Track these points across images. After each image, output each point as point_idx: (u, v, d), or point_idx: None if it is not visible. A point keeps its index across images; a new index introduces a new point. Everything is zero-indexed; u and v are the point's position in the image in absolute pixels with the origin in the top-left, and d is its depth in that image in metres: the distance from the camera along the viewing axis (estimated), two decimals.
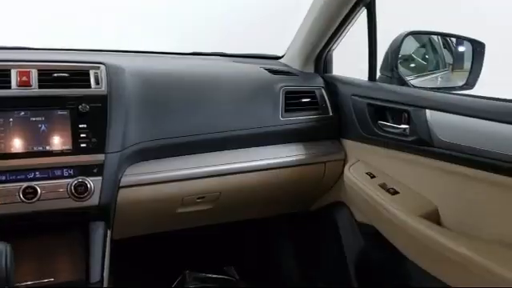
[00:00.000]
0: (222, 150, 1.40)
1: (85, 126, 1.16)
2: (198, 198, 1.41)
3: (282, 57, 1.81)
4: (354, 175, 1.41)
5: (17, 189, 1.08)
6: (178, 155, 1.33)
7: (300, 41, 1.65)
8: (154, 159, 1.29)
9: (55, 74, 1.19)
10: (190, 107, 1.35)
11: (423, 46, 1.71)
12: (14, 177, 1.09)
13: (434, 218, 1.16)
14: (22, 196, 1.08)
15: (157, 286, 1.85)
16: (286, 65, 1.74)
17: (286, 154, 1.47)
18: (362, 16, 1.46)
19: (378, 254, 1.47)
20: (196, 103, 1.37)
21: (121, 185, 1.22)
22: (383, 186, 1.29)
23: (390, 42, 1.43)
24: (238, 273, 1.97)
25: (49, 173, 1.13)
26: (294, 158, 1.47)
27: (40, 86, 1.16)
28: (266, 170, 1.44)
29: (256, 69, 1.60)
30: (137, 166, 1.26)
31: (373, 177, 1.36)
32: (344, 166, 1.51)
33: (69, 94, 1.17)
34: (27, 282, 1.10)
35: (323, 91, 1.57)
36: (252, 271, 1.98)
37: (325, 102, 1.55)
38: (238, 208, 1.59)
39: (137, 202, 1.29)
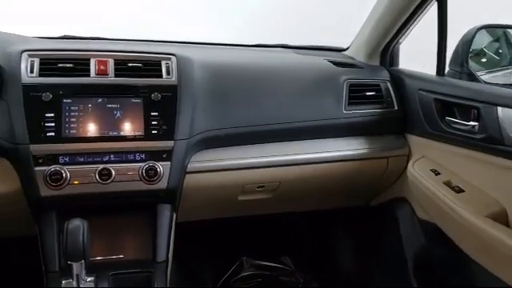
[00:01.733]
0: (284, 140, 1.42)
1: (156, 113, 1.23)
2: (258, 187, 1.44)
3: (347, 49, 1.80)
4: (418, 171, 1.38)
5: (93, 170, 1.17)
6: (241, 144, 1.37)
7: (366, 33, 1.63)
8: (218, 147, 1.34)
9: (130, 64, 1.26)
10: (254, 98, 1.38)
11: (497, 39, 1.63)
12: (91, 159, 1.18)
13: (501, 218, 1.12)
14: (98, 177, 1.17)
15: (214, 270, 1.92)
16: (350, 57, 1.72)
17: (348, 147, 1.47)
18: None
19: (440, 252, 1.43)
20: (260, 94, 1.40)
21: (187, 170, 1.28)
22: (448, 184, 1.26)
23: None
24: (294, 263, 2.00)
25: (122, 156, 1.20)
26: (356, 152, 1.47)
27: (116, 75, 1.24)
28: (327, 162, 1.44)
29: (320, 61, 1.60)
30: (202, 153, 1.31)
31: (437, 174, 1.33)
32: (408, 162, 1.48)
33: (142, 83, 1.24)
34: (100, 256, 1.19)
35: (389, 85, 1.55)
36: (308, 262, 2.00)
37: (390, 95, 1.53)
38: (297, 199, 1.61)
39: (201, 188, 1.35)
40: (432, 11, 1.42)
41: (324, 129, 1.44)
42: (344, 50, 1.81)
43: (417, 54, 1.64)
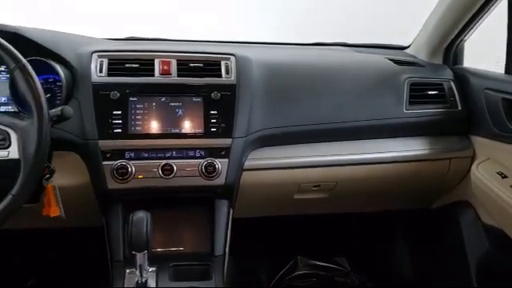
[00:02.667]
0: (342, 140, 1.41)
1: (215, 112, 1.26)
2: (315, 186, 1.44)
3: (408, 47, 1.75)
4: (483, 174, 1.33)
5: (156, 165, 1.22)
6: (298, 143, 1.37)
7: (429, 30, 1.58)
8: (275, 145, 1.35)
9: (191, 64, 1.31)
10: (313, 97, 1.39)
11: None
12: (154, 155, 1.24)
13: None
14: (160, 172, 1.22)
15: (269, 267, 1.94)
16: (412, 55, 1.68)
17: (409, 147, 1.43)
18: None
19: (506, 259, 1.37)
20: (318, 93, 1.40)
21: (244, 168, 1.30)
22: None
23: None
24: (350, 264, 1.97)
25: (183, 153, 1.25)
26: (416, 153, 1.43)
27: (178, 75, 1.28)
28: (386, 163, 1.42)
29: (380, 59, 1.58)
30: (259, 151, 1.33)
31: (504, 177, 1.26)
32: (472, 164, 1.42)
33: (202, 82, 1.28)
34: (161, 248, 1.25)
35: (452, 84, 1.49)
36: (364, 264, 1.97)
37: (453, 95, 1.48)
38: (354, 199, 1.59)
39: (257, 185, 1.37)
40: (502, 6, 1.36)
41: (383, 129, 1.42)
42: (405, 47, 1.76)
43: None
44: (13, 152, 0.93)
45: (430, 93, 1.47)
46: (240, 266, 1.52)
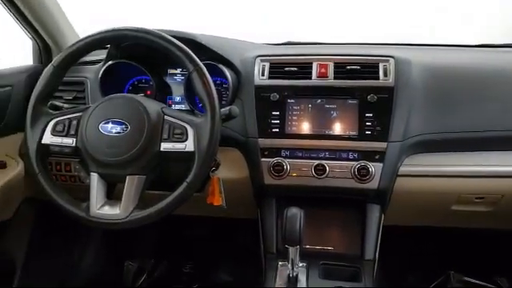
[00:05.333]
0: (508, 149, 1.28)
1: (371, 115, 1.26)
2: (477, 198, 1.33)
3: None
4: None
5: (310, 165, 1.27)
6: (459, 150, 1.29)
7: None
8: (433, 152, 1.29)
9: (348, 67, 1.31)
10: (477, 102, 1.29)
11: None
12: (308, 154, 1.28)
13: None
14: (313, 172, 1.26)
15: (418, 278, 1.84)
16: None
17: None
18: None
19: None
20: (484, 98, 1.29)
21: (398, 173, 1.27)
22: None
23: None
24: (510, 287, 1.77)
25: (336, 154, 1.27)
26: None
27: (335, 78, 1.31)
28: None
29: None
30: (415, 156, 1.28)
31: None
32: None
33: (359, 84, 1.28)
34: (311, 245, 1.28)
35: None
36: None
37: None
38: None
39: (411, 192, 1.32)
40: None
41: None
42: None
43: None
44: (189, 145, 1.04)
45: None
46: (388, 273, 1.48)
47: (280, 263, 1.22)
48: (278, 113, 1.30)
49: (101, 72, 1.38)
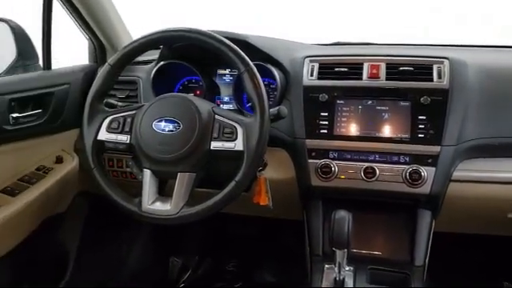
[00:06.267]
0: None
1: (424, 117, 1.22)
2: None
3: None
4: None
5: (359, 168, 1.24)
6: None
7: None
8: (489, 157, 1.24)
9: (401, 68, 1.28)
10: None
11: None
12: (357, 156, 1.26)
13: None
14: (362, 174, 1.24)
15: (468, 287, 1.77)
16: None
17: None
18: None
19: None
20: None
21: (452, 178, 1.23)
22: None
23: None
24: None
25: (387, 157, 1.24)
26: None
27: (387, 79, 1.28)
28: None
29: None
30: (470, 161, 1.24)
31: None
32: None
33: (412, 86, 1.25)
34: (359, 249, 1.26)
35: None
36: None
37: None
38: None
39: (465, 199, 1.27)
40: None
41: None
42: None
43: None
44: (238, 144, 1.05)
45: None
46: (437, 280, 1.43)
47: (326, 266, 1.21)
48: (326, 114, 1.29)
49: (153, 72, 1.42)
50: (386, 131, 1.25)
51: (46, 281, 1.57)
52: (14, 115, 1.29)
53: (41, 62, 1.47)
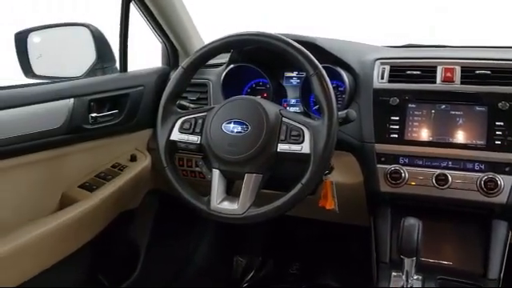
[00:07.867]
0: None
1: (502, 123, 1.16)
2: None
3: None
4: None
5: (431, 174, 1.20)
6: None
7: None
8: None
9: (477, 72, 1.23)
10: None
11: None
12: (429, 163, 1.22)
13: None
14: (434, 181, 1.20)
15: None
16: None
17: None
18: None
19: None
20: None
21: None
22: None
23: None
24: None
25: (460, 164, 1.19)
26: None
27: (462, 83, 1.23)
28: None
29: None
30: None
31: None
32: None
33: (489, 91, 1.19)
34: (428, 258, 1.22)
35: None
36: None
37: None
38: None
39: None
40: None
41: None
42: None
43: None
44: (305, 147, 1.05)
45: None
46: None
47: (394, 274, 1.18)
48: (397, 118, 1.26)
49: (223, 75, 1.45)
50: (460, 137, 1.20)
51: (119, 273, 1.66)
52: (93, 115, 1.37)
53: (117, 65, 1.55)
